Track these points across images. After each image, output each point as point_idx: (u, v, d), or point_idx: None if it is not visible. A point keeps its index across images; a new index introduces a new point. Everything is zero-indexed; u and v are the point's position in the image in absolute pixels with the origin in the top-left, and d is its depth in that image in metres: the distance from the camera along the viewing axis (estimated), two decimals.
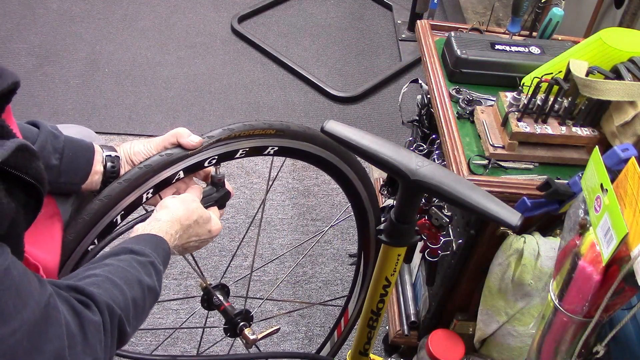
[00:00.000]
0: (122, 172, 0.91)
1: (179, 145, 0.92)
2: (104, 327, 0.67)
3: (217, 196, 1.00)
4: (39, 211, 0.64)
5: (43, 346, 0.58)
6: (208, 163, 0.96)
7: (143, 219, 0.89)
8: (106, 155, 0.89)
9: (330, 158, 1.09)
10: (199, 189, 0.98)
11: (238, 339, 1.15)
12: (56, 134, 0.84)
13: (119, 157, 0.91)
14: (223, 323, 1.13)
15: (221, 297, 1.11)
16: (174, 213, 0.88)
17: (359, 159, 0.95)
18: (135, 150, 0.92)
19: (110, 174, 0.90)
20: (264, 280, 1.81)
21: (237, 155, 0.99)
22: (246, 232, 1.85)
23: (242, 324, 1.10)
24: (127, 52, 2.52)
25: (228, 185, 1.02)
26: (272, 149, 1.02)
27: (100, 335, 0.66)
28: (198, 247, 0.95)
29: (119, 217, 0.90)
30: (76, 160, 0.85)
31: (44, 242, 0.80)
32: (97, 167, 0.88)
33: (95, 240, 0.89)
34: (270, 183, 1.35)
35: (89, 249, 0.89)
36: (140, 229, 0.85)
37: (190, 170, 0.95)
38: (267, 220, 1.97)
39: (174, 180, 0.94)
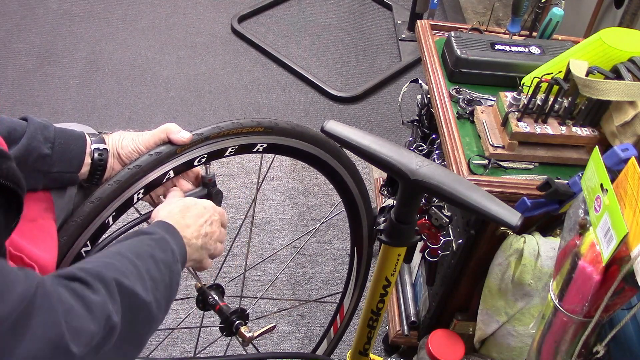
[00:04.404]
0: (109, 165, 0.90)
1: (168, 142, 0.91)
2: (111, 301, 0.67)
3: (205, 194, 1.00)
4: (20, 213, 0.62)
5: (31, 335, 0.58)
6: (197, 162, 0.96)
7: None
8: (94, 148, 0.88)
9: (320, 154, 1.09)
10: (179, 190, 0.98)
11: (235, 338, 1.15)
12: (46, 124, 0.83)
13: (107, 149, 0.89)
14: (219, 322, 1.13)
15: (216, 297, 1.11)
16: (168, 208, 0.88)
17: (357, 158, 0.95)
18: (123, 144, 0.91)
19: (98, 166, 0.89)
20: (263, 280, 1.81)
21: (227, 154, 0.99)
22: (238, 231, 1.84)
23: (237, 322, 1.09)
24: (127, 52, 2.52)
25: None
26: (261, 146, 1.03)
27: (107, 308, 0.66)
28: (212, 243, 0.91)
29: (110, 219, 0.90)
30: (68, 148, 0.85)
31: (41, 240, 0.80)
32: (86, 159, 0.88)
33: (88, 243, 0.89)
34: (260, 180, 1.35)
35: (82, 251, 0.89)
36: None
37: (180, 170, 0.95)
38: (267, 220, 1.97)
39: (165, 180, 0.94)
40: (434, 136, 1.38)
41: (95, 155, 0.88)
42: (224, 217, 0.96)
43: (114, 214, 0.90)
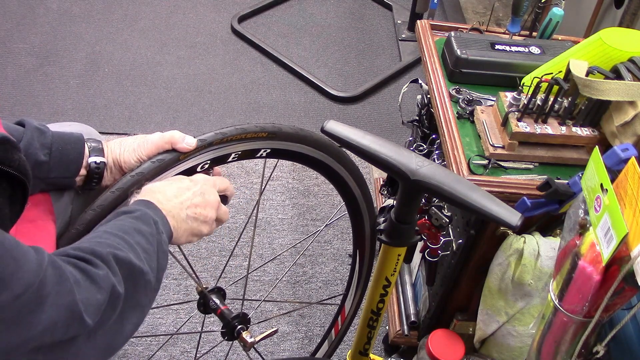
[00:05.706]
0: (105, 176, 0.89)
1: (172, 150, 0.90)
2: (112, 273, 0.69)
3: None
4: (25, 204, 0.64)
5: (51, 302, 0.60)
6: (200, 168, 0.95)
7: None
8: (91, 161, 0.87)
9: (323, 158, 1.08)
10: None
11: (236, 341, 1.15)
12: (42, 130, 0.83)
13: (105, 162, 0.88)
14: (221, 327, 1.12)
15: (217, 301, 1.10)
16: (150, 186, 0.86)
17: (357, 158, 0.95)
18: (125, 156, 0.89)
19: (95, 174, 0.88)
20: (263, 281, 1.81)
21: (230, 159, 0.98)
22: (242, 233, 1.85)
23: (239, 327, 1.09)
24: (127, 52, 2.52)
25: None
26: (264, 151, 1.02)
27: (110, 279, 0.68)
28: (204, 213, 0.88)
29: None
30: (66, 153, 0.84)
31: (40, 241, 0.80)
32: (82, 172, 0.87)
33: None
34: (264, 184, 1.34)
35: None
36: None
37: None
38: (267, 220, 1.97)
39: None
40: (434, 136, 1.38)
41: (92, 166, 0.87)
42: (222, 184, 0.95)
43: None
